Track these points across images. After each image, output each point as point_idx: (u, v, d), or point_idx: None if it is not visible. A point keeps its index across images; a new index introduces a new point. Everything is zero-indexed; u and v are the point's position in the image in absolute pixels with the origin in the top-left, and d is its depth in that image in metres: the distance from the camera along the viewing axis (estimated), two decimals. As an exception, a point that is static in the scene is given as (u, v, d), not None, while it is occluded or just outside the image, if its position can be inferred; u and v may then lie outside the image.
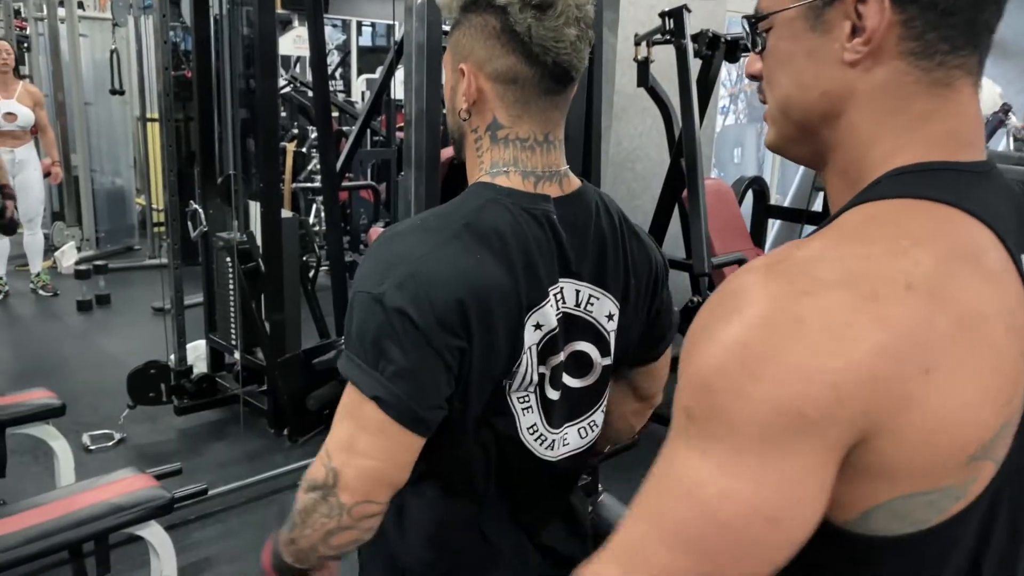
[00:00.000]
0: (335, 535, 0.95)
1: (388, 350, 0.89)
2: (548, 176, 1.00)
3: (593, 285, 1.03)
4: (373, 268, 0.93)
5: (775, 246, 4.91)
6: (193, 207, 3.70)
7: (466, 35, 0.97)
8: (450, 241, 0.92)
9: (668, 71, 3.56)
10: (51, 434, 2.81)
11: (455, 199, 0.99)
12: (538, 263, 0.96)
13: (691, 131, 3.03)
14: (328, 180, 3.88)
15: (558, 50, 0.93)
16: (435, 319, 0.89)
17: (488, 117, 0.99)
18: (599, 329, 1.04)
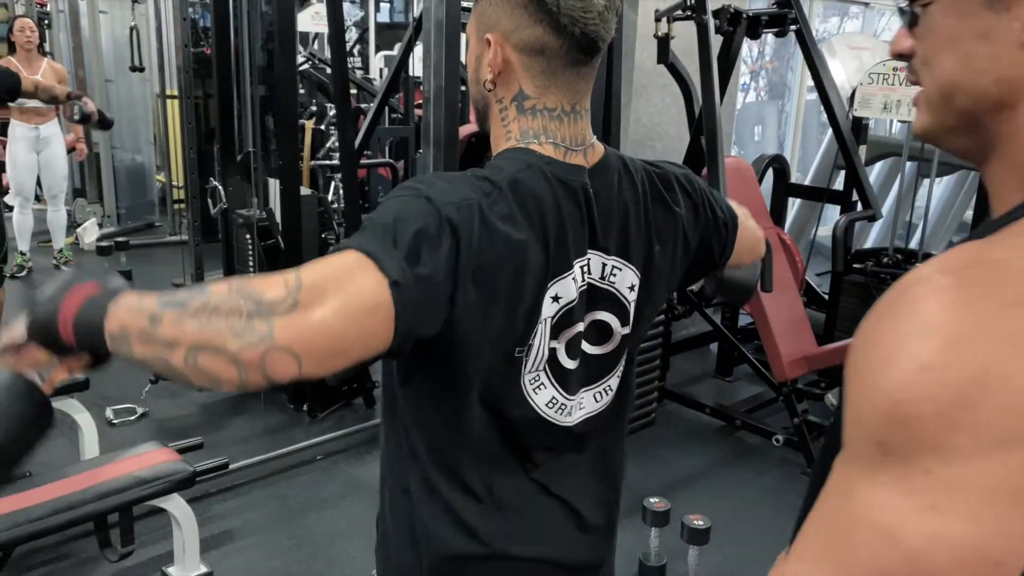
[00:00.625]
0: (214, 356, 0.77)
1: (425, 254, 0.83)
2: (576, 147, 1.00)
3: (617, 256, 1.03)
4: (428, 181, 0.91)
5: (795, 225, 4.88)
6: (213, 184, 3.73)
7: (492, 4, 0.96)
8: (496, 199, 0.91)
9: (688, 47, 3.53)
10: (75, 408, 2.85)
11: (492, 161, 0.99)
12: (568, 234, 0.96)
13: (711, 108, 3.01)
14: (347, 158, 3.89)
15: (586, 20, 0.93)
16: (477, 258, 0.87)
17: (514, 88, 0.98)
18: (621, 299, 1.05)
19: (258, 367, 0.76)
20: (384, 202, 0.90)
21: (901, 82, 3.50)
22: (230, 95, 3.78)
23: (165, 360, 0.79)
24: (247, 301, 0.77)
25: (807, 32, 3.44)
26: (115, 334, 0.81)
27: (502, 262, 0.89)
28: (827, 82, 3.51)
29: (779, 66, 8.65)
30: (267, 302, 0.77)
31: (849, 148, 3.53)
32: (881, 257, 3.69)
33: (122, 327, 0.80)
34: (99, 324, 0.81)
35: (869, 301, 2.95)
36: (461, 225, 0.86)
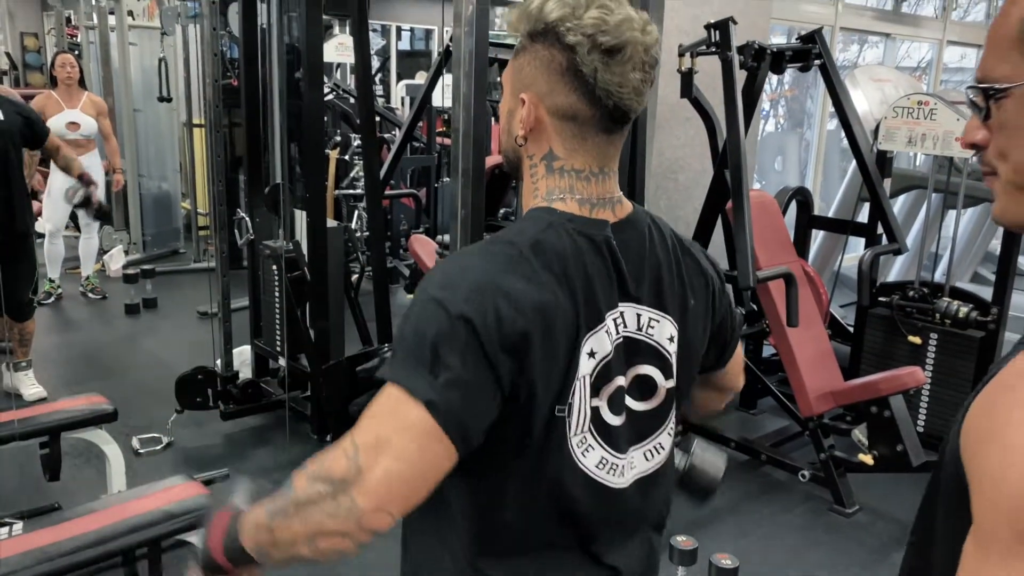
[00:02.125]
0: (327, 538, 0.89)
1: (446, 357, 0.88)
2: (602, 203, 1.01)
3: (653, 308, 1.04)
4: (440, 278, 0.94)
5: (819, 257, 4.87)
6: (240, 215, 3.77)
7: (530, 64, 0.98)
8: (517, 262, 0.94)
9: (711, 81, 3.55)
10: (103, 439, 2.88)
11: (516, 224, 1.01)
12: (596, 287, 0.97)
13: (736, 143, 3.02)
14: (372, 189, 3.93)
15: (621, 95, 0.95)
16: (499, 335, 0.89)
17: (544, 147, 1.01)
18: (662, 352, 1.05)
19: (360, 531, 0.88)
20: (407, 313, 0.94)
21: (926, 116, 3.50)
22: (257, 126, 3.83)
23: (297, 555, 0.92)
24: (324, 485, 0.88)
25: (831, 67, 3.45)
26: (253, 550, 0.96)
27: (529, 326, 0.91)
28: (851, 116, 3.51)
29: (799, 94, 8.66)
30: (338, 479, 0.88)
31: (874, 181, 3.53)
32: (907, 290, 3.67)
33: (256, 544, 0.95)
34: (240, 548, 0.96)
35: (895, 334, 2.93)
36: (474, 313, 0.89)
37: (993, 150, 0.67)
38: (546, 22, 0.95)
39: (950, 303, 3.49)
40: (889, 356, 3.70)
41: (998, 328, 3.43)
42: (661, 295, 1.04)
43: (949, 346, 3.53)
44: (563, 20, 0.94)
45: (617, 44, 0.93)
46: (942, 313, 3.50)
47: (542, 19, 0.96)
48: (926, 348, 3.58)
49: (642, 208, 1.08)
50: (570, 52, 0.94)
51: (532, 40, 0.98)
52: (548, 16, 0.95)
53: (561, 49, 0.95)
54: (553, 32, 0.95)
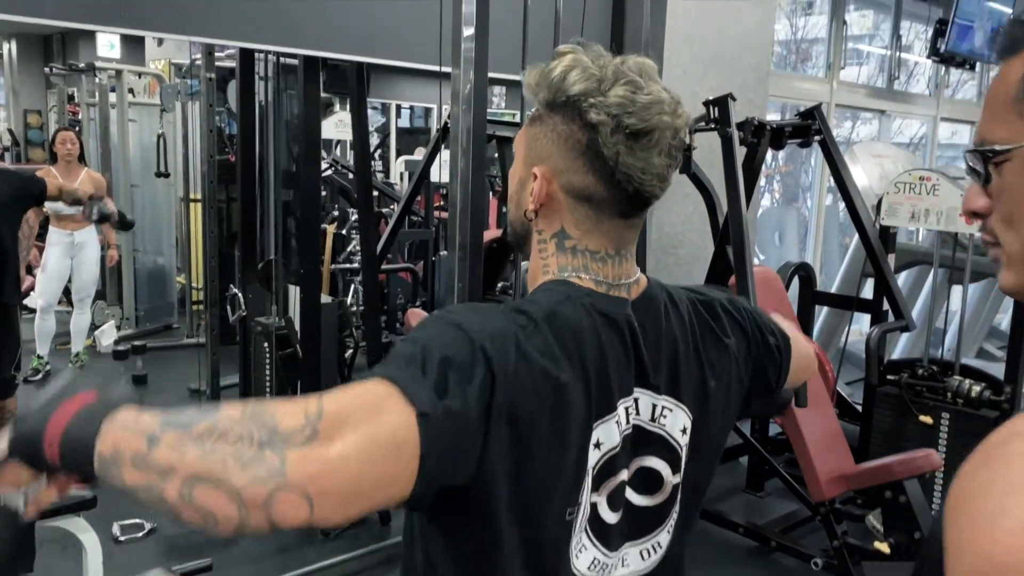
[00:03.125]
0: (214, 493, 0.67)
1: (454, 384, 0.75)
2: (619, 286, 0.93)
3: (668, 396, 0.95)
4: (459, 312, 0.85)
5: (823, 334, 4.79)
6: (233, 291, 3.71)
7: (547, 137, 0.90)
8: (531, 333, 0.83)
9: (709, 157, 3.53)
10: (80, 527, 2.72)
11: (531, 295, 0.92)
12: (611, 371, 0.88)
13: (738, 219, 2.97)
14: (368, 264, 3.87)
15: (643, 180, 0.87)
16: (510, 393, 0.78)
17: (556, 224, 0.92)
18: (672, 443, 0.96)
19: (263, 507, 0.67)
20: (412, 332, 0.83)
21: (928, 192, 3.46)
22: (253, 202, 3.80)
23: (158, 491, 0.69)
24: (260, 428, 0.69)
25: (831, 142, 3.44)
26: (105, 456, 0.71)
27: (541, 400, 0.81)
28: (852, 191, 3.48)
29: (793, 169, 8.72)
30: (283, 431, 0.68)
31: (878, 256, 3.47)
32: (916, 368, 3.57)
33: (115, 448, 0.70)
34: (89, 442, 0.72)
35: (905, 414, 2.80)
36: (495, 355, 0.78)
37: (995, 217, 0.64)
38: (568, 94, 0.87)
39: (961, 382, 3.39)
40: (900, 436, 3.58)
41: (1012, 407, 3.32)
42: (677, 381, 0.95)
43: (962, 426, 3.41)
44: (587, 95, 0.86)
45: (644, 128, 0.85)
46: (954, 392, 3.40)
47: (564, 90, 0.88)
48: (938, 428, 3.47)
49: (657, 281, 0.99)
50: (591, 131, 0.86)
51: (551, 110, 0.90)
52: (571, 88, 0.87)
53: (582, 126, 0.87)
54: (575, 106, 0.87)
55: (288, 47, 2.86)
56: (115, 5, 2.41)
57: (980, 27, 5.96)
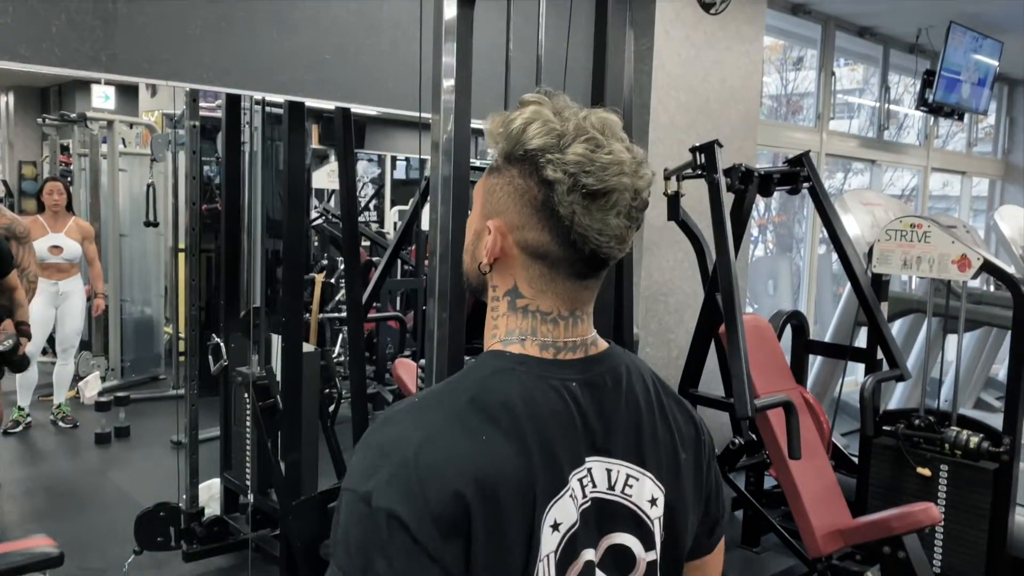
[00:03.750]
0: None
1: (375, 562, 0.74)
2: (570, 347, 0.87)
3: (628, 463, 0.87)
4: (362, 460, 0.80)
5: (817, 383, 4.70)
6: (215, 340, 3.63)
7: (503, 189, 0.86)
8: (450, 421, 0.79)
9: (697, 204, 3.50)
10: (47, 586, 2.62)
11: (460, 371, 0.87)
12: (556, 442, 0.81)
13: (727, 267, 2.92)
14: (353, 311, 3.80)
15: (599, 242, 0.83)
16: (430, 519, 0.74)
17: (509, 281, 0.88)
18: (641, 516, 0.88)
19: None
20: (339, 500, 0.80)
21: (919, 239, 3.42)
22: (238, 251, 3.75)
23: None
24: None
25: (820, 189, 3.41)
26: None
27: (466, 504, 0.75)
28: (843, 238, 3.44)
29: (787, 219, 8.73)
30: None
31: (871, 305, 3.41)
32: (912, 419, 3.49)
33: None
34: None
35: (902, 465, 2.70)
36: (399, 499, 0.74)
37: None
38: (526, 148, 0.83)
39: (959, 432, 3.30)
40: (897, 489, 3.49)
41: (1012, 459, 3.23)
42: (640, 447, 0.88)
43: (961, 478, 3.32)
44: (544, 151, 0.82)
45: (601, 188, 0.81)
46: (951, 443, 3.31)
47: (523, 144, 0.83)
48: (936, 480, 3.38)
49: (621, 348, 0.93)
50: (548, 188, 0.82)
51: (509, 163, 0.86)
52: (529, 142, 0.83)
53: (539, 182, 0.82)
54: (533, 161, 0.83)
55: (271, 92, 2.83)
56: (97, 50, 2.39)
57: (967, 79, 6.01)
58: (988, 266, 3.23)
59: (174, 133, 5.99)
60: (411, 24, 3.04)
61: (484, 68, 2.35)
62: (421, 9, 2.23)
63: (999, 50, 6.13)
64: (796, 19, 5.73)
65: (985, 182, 8.49)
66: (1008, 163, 8.31)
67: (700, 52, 4.07)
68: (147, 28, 2.47)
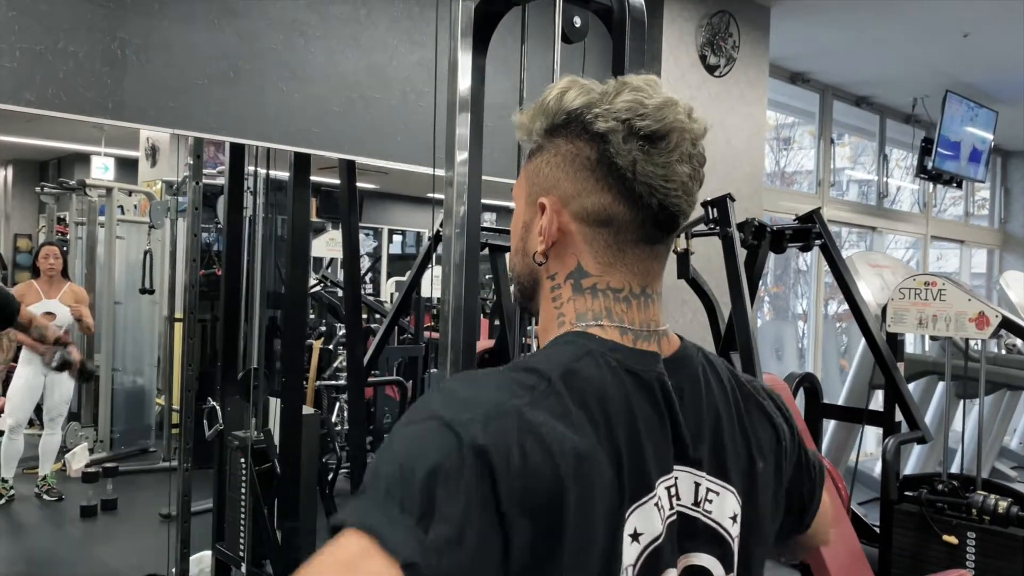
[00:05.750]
0: None
1: (444, 503, 0.60)
2: (647, 335, 0.78)
3: (712, 476, 0.78)
4: (444, 396, 0.68)
5: (831, 449, 4.58)
6: (211, 404, 3.51)
7: (549, 163, 0.78)
8: (543, 395, 0.68)
9: (706, 263, 3.44)
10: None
11: (541, 351, 0.76)
12: (646, 443, 0.72)
13: (744, 321, 2.84)
14: (354, 376, 3.69)
15: (667, 191, 0.75)
16: (523, 485, 0.62)
17: (570, 262, 0.79)
18: (722, 535, 0.78)
19: None
20: (391, 435, 0.67)
21: (934, 297, 3.36)
22: (237, 315, 3.65)
23: None
24: None
25: (832, 245, 3.36)
26: None
27: (561, 480, 0.64)
28: (857, 297, 3.37)
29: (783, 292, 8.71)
30: None
31: (889, 364, 3.33)
32: (935, 483, 3.36)
33: None
34: None
35: (927, 533, 2.54)
36: (492, 444, 0.62)
37: None
38: (568, 111, 0.77)
39: (987, 497, 3.17)
40: (922, 558, 3.33)
41: (1044, 525, 3.10)
42: (722, 457, 0.79)
43: (990, 546, 3.17)
44: (589, 106, 0.76)
45: (660, 129, 0.74)
46: (979, 509, 3.17)
47: (563, 109, 0.77)
48: (964, 548, 3.22)
49: (695, 345, 0.84)
50: (601, 142, 0.75)
51: (551, 135, 0.79)
52: (570, 104, 0.76)
53: (589, 139, 0.75)
54: (578, 121, 0.76)
55: (278, 144, 2.79)
56: (104, 97, 2.35)
57: (965, 147, 6.08)
58: (1007, 323, 3.16)
59: (174, 200, 5.97)
60: (420, 79, 3.03)
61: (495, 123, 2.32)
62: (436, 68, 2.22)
63: (994, 120, 6.22)
64: (794, 88, 5.81)
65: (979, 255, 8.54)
66: (1006, 233, 8.35)
67: (706, 113, 4.05)
68: (155, 76, 2.44)
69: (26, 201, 11.53)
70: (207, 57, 2.55)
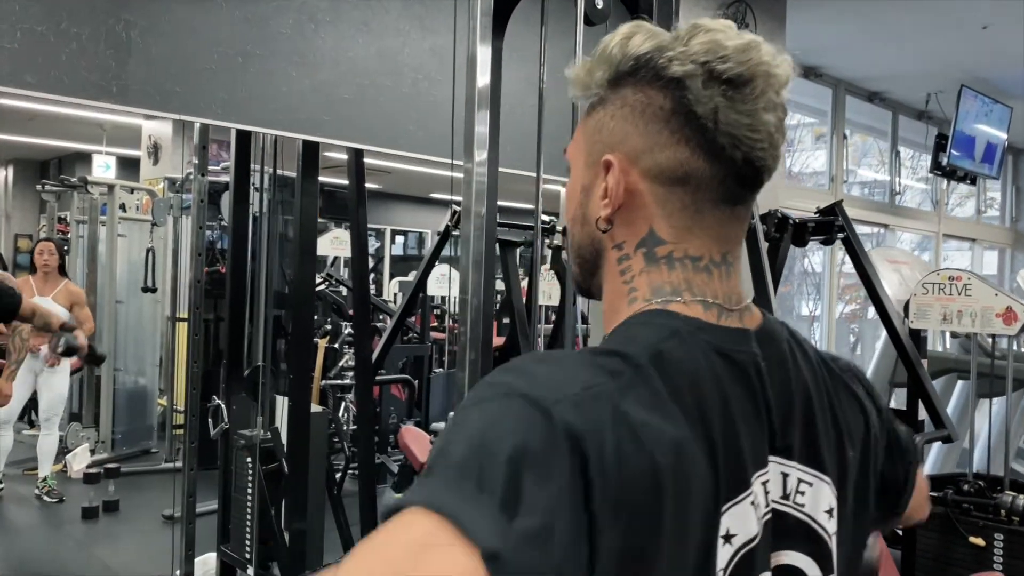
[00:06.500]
0: None
1: (531, 490, 0.51)
2: (731, 311, 0.69)
3: (804, 465, 0.69)
4: (519, 377, 0.58)
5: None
6: (216, 402, 3.42)
7: (614, 117, 0.69)
8: (637, 382, 0.59)
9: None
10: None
11: (622, 328, 0.67)
12: (741, 435, 0.64)
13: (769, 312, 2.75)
14: (363, 374, 3.60)
15: (752, 143, 0.66)
16: (617, 481, 0.54)
17: (641, 228, 0.69)
18: (817, 531, 0.69)
19: None
20: (458, 411, 0.58)
21: (959, 292, 3.27)
22: (242, 309, 3.56)
23: None
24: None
25: (855, 238, 3.27)
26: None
27: (659, 478, 0.55)
28: (880, 291, 3.28)
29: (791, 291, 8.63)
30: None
31: (913, 361, 3.23)
32: (960, 484, 3.27)
33: None
34: None
35: (952, 535, 2.43)
36: (586, 429, 0.54)
37: None
38: (636, 56, 0.67)
39: (1015, 497, 3.08)
40: (948, 561, 3.24)
41: (1075, 525, 3.01)
42: (815, 445, 0.70)
43: (1019, 548, 3.08)
44: (661, 50, 0.66)
45: (744, 73, 0.65)
46: (1007, 509, 3.08)
47: (629, 55, 0.68)
48: (991, 550, 3.13)
49: (774, 317, 0.75)
50: (676, 88, 0.66)
51: (617, 86, 0.69)
52: (638, 49, 0.67)
53: (662, 87, 0.66)
54: (649, 67, 0.67)
55: (287, 132, 2.71)
56: (108, 80, 2.26)
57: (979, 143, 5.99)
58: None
59: (177, 197, 5.88)
60: (433, 67, 2.95)
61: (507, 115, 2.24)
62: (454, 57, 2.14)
63: (1008, 116, 6.14)
64: (804, 85, 5.73)
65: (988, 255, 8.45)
66: (1017, 232, 8.27)
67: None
68: (161, 60, 2.36)
69: (27, 201, 11.46)
70: (214, 41, 2.46)
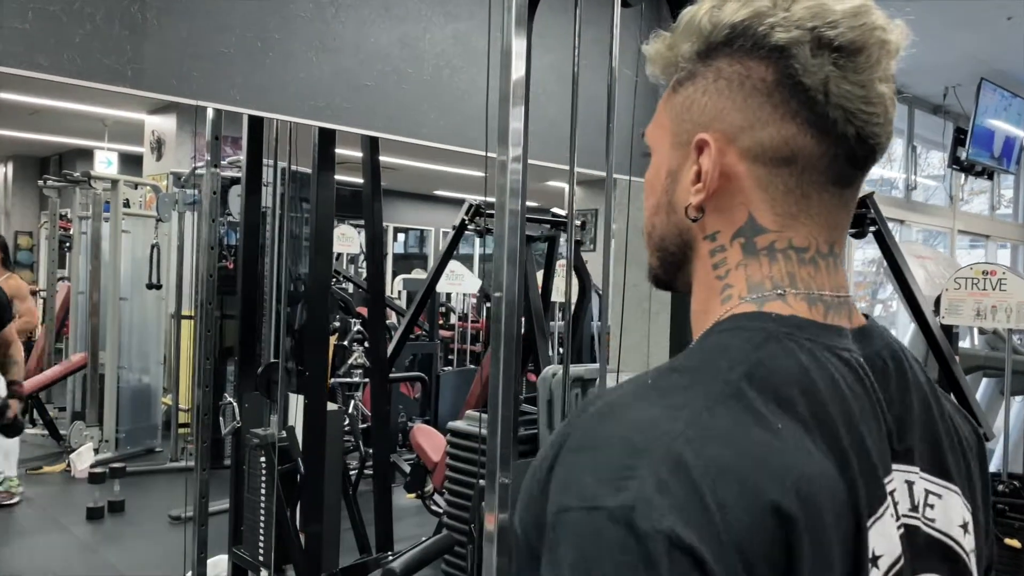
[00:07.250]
0: None
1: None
2: (839, 306, 0.61)
3: (928, 473, 0.61)
4: (594, 459, 0.51)
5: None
6: (227, 400, 3.33)
7: (707, 92, 0.61)
8: (725, 402, 0.52)
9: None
10: None
11: (696, 344, 0.59)
12: (869, 440, 0.55)
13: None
14: (378, 369, 3.51)
15: (867, 117, 0.58)
16: (734, 548, 0.47)
17: (739, 216, 0.61)
18: (954, 549, 0.61)
19: None
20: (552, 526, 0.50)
21: (993, 287, 3.19)
22: (254, 305, 3.47)
23: None
24: None
25: (886, 232, 3.18)
26: None
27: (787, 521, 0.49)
28: (913, 285, 3.19)
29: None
30: None
31: (947, 357, 3.14)
32: (994, 484, 3.18)
33: None
34: None
35: None
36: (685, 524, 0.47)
37: None
38: (732, 24, 0.59)
39: (1053, 497, 3.00)
40: (981, 563, 3.16)
41: (1116, 527, 2.92)
42: (939, 451, 0.62)
43: (1058, 550, 3.00)
44: (759, 16, 0.58)
45: (856, 39, 0.56)
46: (1045, 510, 3.00)
47: (723, 23, 0.59)
48: (1027, 552, 3.06)
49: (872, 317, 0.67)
50: (781, 57, 0.57)
51: (708, 58, 0.61)
52: (732, 16, 0.59)
53: (764, 56, 0.58)
54: (747, 35, 0.58)
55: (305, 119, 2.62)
56: (123, 64, 2.17)
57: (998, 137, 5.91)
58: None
59: (182, 193, 5.78)
60: (455, 54, 2.86)
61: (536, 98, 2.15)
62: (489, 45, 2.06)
63: (1027, 109, 6.07)
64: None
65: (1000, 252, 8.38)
66: (1029, 229, 8.20)
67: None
68: (178, 44, 2.26)
69: (27, 198, 11.36)
70: (233, 25, 2.37)
